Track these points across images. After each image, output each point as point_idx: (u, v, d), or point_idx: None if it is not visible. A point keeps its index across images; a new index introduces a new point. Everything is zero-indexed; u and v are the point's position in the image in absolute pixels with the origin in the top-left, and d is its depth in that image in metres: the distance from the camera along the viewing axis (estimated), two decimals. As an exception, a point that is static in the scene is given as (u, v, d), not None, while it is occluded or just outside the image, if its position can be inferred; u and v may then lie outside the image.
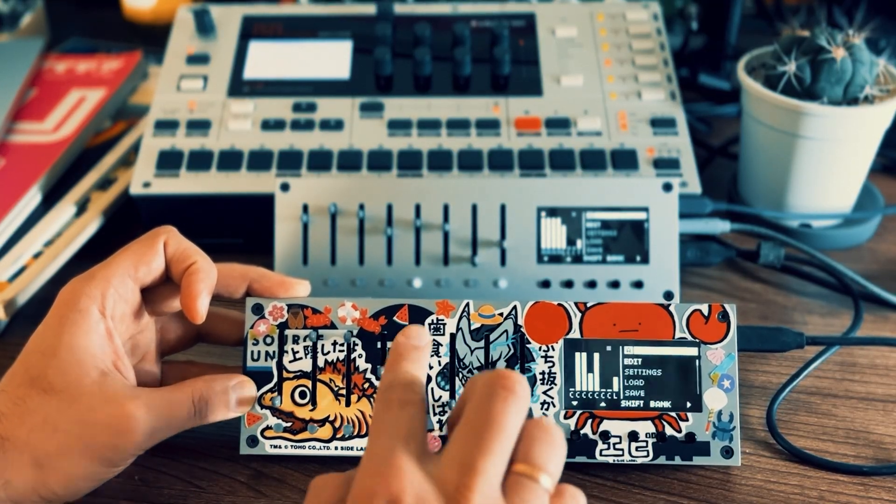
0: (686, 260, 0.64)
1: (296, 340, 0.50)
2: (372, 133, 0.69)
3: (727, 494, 0.49)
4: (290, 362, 0.50)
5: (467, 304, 0.51)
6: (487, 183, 0.61)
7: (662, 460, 0.49)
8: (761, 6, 0.97)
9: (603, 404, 0.49)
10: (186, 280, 0.48)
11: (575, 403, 0.50)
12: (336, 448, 0.50)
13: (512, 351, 0.50)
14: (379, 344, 0.50)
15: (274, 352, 0.50)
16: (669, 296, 0.60)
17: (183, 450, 0.51)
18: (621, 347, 0.50)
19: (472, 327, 0.50)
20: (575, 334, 0.50)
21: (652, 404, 0.49)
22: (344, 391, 0.50)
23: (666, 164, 0.67)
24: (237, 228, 0.68)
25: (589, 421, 0.49)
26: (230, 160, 0.67)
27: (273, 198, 0.62)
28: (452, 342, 0.50)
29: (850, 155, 0.66)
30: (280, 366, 0.50)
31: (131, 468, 0.48)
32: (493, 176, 0.66)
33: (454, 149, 0.68)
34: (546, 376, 0.50)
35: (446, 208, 0.61)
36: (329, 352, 0.50)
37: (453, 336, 0.50)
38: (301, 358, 0.50)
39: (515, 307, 0.50)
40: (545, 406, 0.49)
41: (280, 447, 0.50)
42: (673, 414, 0.49)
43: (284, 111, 0.71)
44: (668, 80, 0.72)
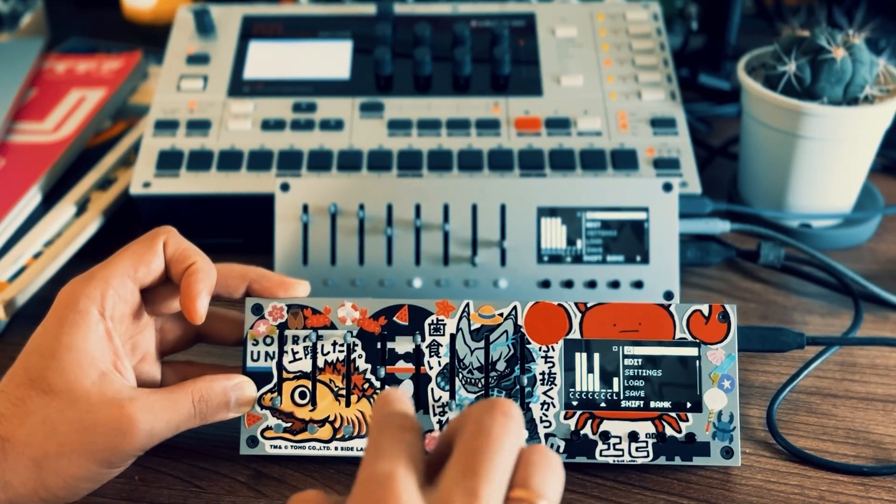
0: (686, 260, 0.64)
1: (295, 341, 0.50)
2: (372, 133, 0.69)
3: (727, 494, 0.49)
4: (290, 363, 0.50)
5: (467, 305, 0.51)
6: (487, 183, 0.61)
7: (662, 460, 0.49)
8: (761, 6, 0.97)
9: (603, 404, 0.49)
10: (186, 280, 0.48)
11: (575, 404, 0.49)
12: (336, 448, 0.50)
13: (512, 351, 0.50)
14: (379, 344, 0.50)
15: (274, 352, 0.50)
16: (669, 296, 0.60)
17: (183, 450, 0.51)
18: (621, 348, 0.50)
19: (472, 327, 0.50)
20: (575, 334, 0.50)
21: (652, 405, 0.49)
22: (344, 392, 0.50)
23: (666, 164, 0.67)
24: (237, 228, 0.68)
25: (589, 421, 0.49)
26: (230, 160, 0.67)
27: (273, 198, 0.62)
28: (452, 342, 0.50)
29: (850, 155, 0.66)
30: (280, 366, 0.50)
31: (131, 468, 0.48)
32: (493, 176, 0.66)
33: (454, 149, 0.68)
34: (546, 376, 0.50)
35: (446, 208, 0.61)
36: (329, 352, 0.50)
37: (453, 336, 0.50)
38: (301, 358, 0.50)
39: (515, 307, 0.50)
40: (545, 406, 0.49)
41: (280, 447, 0.50)
42: (673, 414, 0.49)
43: (284, 111, 0.71)
44: (668, 80, 0.72)
